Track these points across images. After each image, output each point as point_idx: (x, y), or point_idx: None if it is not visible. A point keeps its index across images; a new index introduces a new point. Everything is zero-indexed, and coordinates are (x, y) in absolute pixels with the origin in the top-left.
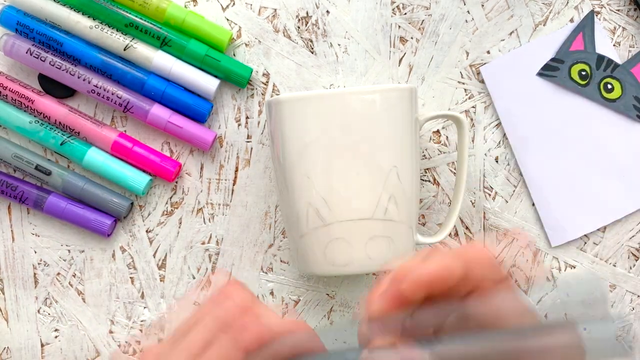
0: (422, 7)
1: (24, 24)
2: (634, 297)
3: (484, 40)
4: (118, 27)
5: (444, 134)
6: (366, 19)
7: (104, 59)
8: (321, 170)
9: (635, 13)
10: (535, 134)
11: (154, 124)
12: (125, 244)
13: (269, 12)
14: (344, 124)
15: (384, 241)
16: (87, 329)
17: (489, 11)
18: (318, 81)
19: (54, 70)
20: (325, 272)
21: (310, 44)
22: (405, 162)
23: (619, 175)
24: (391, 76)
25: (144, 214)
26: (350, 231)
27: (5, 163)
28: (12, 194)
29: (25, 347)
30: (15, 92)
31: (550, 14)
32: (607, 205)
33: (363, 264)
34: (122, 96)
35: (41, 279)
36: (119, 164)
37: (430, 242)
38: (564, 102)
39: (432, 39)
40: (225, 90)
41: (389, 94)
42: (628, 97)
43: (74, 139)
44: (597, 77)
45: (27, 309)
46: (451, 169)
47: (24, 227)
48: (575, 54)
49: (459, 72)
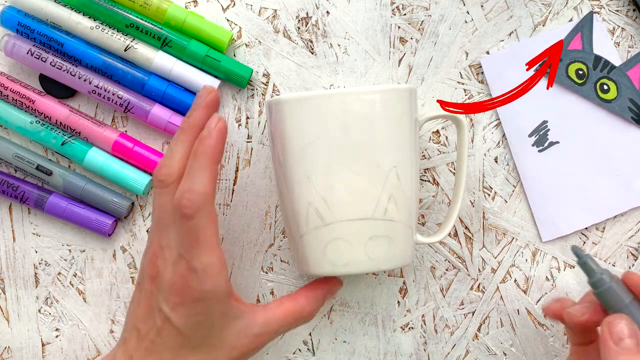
0: (422, 8)
1: (25, 25)
2: None
3: (484, 40)
4: (119, 28)
5: (443, 134)
6: (366, 20)
7: (105, 60)
8: (321, 171)
9: (634, 14)
10: (531, 128)
11: (154, 124)
12: (126, 244)
13: (269, 13)
14: (343, 124)
15: (384, 241)
16: (87, 328)
17: (488, 12)
18: (318, 82)
19: (55, 71)
20: (325, 272)
21: (310, 44)
22: (405, 162)
23: (613, 174)
24: (391, 77)
25: (145, 213)
26: (350, 231)
27: (7, 163)
28: (13, 194)
29: (26, 346)
30: (16, 93)
31: (550, 15)
32: (600, 204)
33: (363, 263)
34: (122, 96)
35: (42, 279)
36: (120, 164)
37: (429, 242)
38: (561, 99)
39: (431, 40)
40: (226, 91)
41: (388, 94)
42: (623, 98)
43: (75, 139)
44: (594, 77)
45: (28, 309)
46: (451, 169)
47: (25, 227)
48: (573, 53)
49: (459, 73)
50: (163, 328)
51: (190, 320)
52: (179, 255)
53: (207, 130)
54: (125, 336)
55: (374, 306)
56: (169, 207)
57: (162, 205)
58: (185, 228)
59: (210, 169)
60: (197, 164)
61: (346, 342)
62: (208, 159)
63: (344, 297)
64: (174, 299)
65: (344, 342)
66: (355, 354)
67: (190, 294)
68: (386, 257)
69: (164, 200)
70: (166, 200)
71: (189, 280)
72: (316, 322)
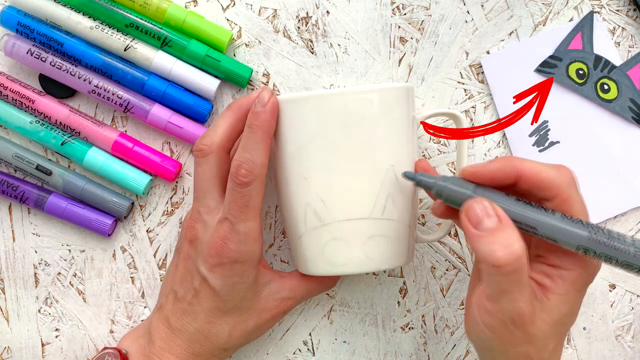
0: (422, 8)
1: (25, 25)
2: (634, 297)
3: (484, 40)
4: (118, 28)
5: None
6: (366, 20)
7: (105, 60)
8: (319, 171)
9: (634, 13)
10: (531, 128)
11: (154, 124)
12: (125, 244)
13: (269, 13)
14: (340, 123)
15: (383, 240)
16: (87, 328)
17: (488, 11)
18: (318, 81)
19: (55, 71)
20: (324, 272)
21: (310, 44)
22: (403, 160)
23: (614, 174)
24: (391, 76)
25: (145, 213)
26: (349, 231)
27: (6, 163)
28: (12, 194)
29: (25, 346)
30: (15, 92)
31: (550, 14)
32: (600, 203)
33: (362, 263)
34: (122, 96)
35: (42, 279)
36: (120, 164)
37: (429, 240)
38: (561, 99)
39: (431, 39)
40: (226, 91)
41: (385, 93)
42: (624, 98)
43: (75, 139)
44: (594, 77)
45: (27, 309)
46: (451, 169)
47: (24, 227)
48: (573, 52)
49: (459, 73)
50: (200, 289)
51: (227, 282)
52: (224, 217)
53: (260, 104)
54: (161, 302)
55: (374, 306)
56: (208, 175)
57: (201, 173)
58: (238, 194)
59: (265, 142)
60: (255, 136)
61: (346, 342)
62: (264, 132)
63: (344, 297)
64: (212, 260)
65: (344, 342)
66: (355, 354)
67: (229, 254)
68: (385, 257)
69: (203, 169)
70: (205, 169)
71: (229, 242)
72: (316, 322)
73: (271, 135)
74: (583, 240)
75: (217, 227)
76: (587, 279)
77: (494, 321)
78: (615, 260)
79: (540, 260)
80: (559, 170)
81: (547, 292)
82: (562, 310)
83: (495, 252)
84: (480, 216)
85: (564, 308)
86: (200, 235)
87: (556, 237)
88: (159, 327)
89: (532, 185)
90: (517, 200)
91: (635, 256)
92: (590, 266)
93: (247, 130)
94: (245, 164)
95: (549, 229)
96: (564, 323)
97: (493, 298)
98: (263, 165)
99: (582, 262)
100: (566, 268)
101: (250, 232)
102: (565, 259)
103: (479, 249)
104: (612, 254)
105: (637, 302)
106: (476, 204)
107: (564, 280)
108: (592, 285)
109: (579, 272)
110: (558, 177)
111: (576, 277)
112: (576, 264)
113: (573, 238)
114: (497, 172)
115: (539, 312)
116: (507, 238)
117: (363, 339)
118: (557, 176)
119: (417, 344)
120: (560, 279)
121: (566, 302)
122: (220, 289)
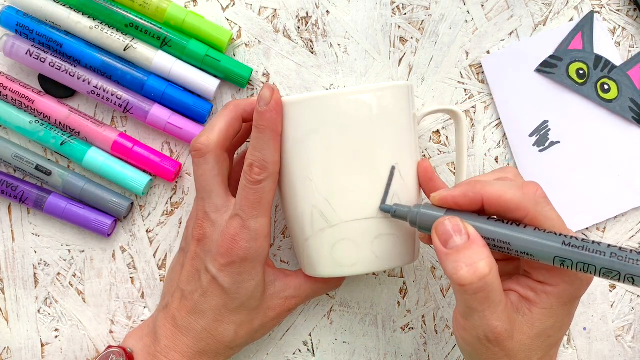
0: (422, 7)
1: (24, 25)
2: (634, 297)
3: (484, 40)
4: (118, 28)
5: (443, 134)
6: (366, 19)
7: (104, 60)
8: (323, 172)
9: (635, 13)
10: (531, 128)
11: (153, 124)
12: (125, 244)
13: (269, 13)
14: (342, 124)
15: (391, 239)
16: (87, 328)
17: (488, 11)
18: (318, 81)
19: (54, 72)
20: (333, 273)
21: (310, 44)
22: (406, 158)
23: (614, 174)
24: (391, 76)
25: (144, 213)
26: (356, 231)
27: (6, 163)
28: (12, 194)
29: (25, 347)
30: (15, 92)
31: (550, 14)
32: (601, 204)
33: (370, 263)
34: (122, 97)
35: (41, 279)
36: (119, 164)
37: None
38: (561, 98)
39: (432, 39)
40: (226, 91)
41: (385, 92)
42: (624, 98)
43: (74, 139)
44: (595, 77)
45: (27, 309)
46: (451, 169)
47: (24, 227)
48: (574, 52)
49: (459, 72)
50: (209, 288)
51: (236, 279)
52: (235, 214)
53: (263, 102)
54: (166, 301)
55: (374, 306)
56: (210, 175)
57: (203, 174)
58: (251, 191)
59: (275, 140)
60: (264, 136)
61: (346, 342)
62: (272, 131)
63: (344, 298)
64: (222, 259)
65: (344, 342)
66: (355, 355)
67: (239, 252)
68: (394, 255)
69: (204, 170)
70: (206, 169)
71: (240, 239)
72: (316, 323)
73: (279, 132)
74: (557, 250)
75: (228, 225)
76: (574, 294)
77: (469, 338)
78: (594, 269)
79: (527, 275)
80: (522, 190)
81: (530, 305)
82: (546, 323)
83: (458, 270)
84: (449, 232)
85: (548, 321)
86: (209, 234)
87: (530, 250)
88: (165, 325)
89: (498, 208)
90: (488, 219)
91: (612, 261)
92: (577, 281)
93: (255, 131)
94: (258, 162)
95: (522, 243)
96: (549, 335)
97: (465, 315)
98: (275, 163)
99: (567, 277)
100: (551, 284)
101: (261, 229)
102: (549, 275)
103: (445, 267)
104: (588, 261)
105: (638, 302)
106: (446, 220)
107: (548, 295)
108: (592, 286)
109: (564, 287)
110: (521, 197)
111: (561, 292)
112: (561, 279)
113: (546, 249)
114: (461, 198)
115: (520, 326)
116: (472, 256)
117: (363, 339)
118: (520, 197)
119: (417, 344)
120: (544, 294)
121: (550, 316)
122: (229, 287)
